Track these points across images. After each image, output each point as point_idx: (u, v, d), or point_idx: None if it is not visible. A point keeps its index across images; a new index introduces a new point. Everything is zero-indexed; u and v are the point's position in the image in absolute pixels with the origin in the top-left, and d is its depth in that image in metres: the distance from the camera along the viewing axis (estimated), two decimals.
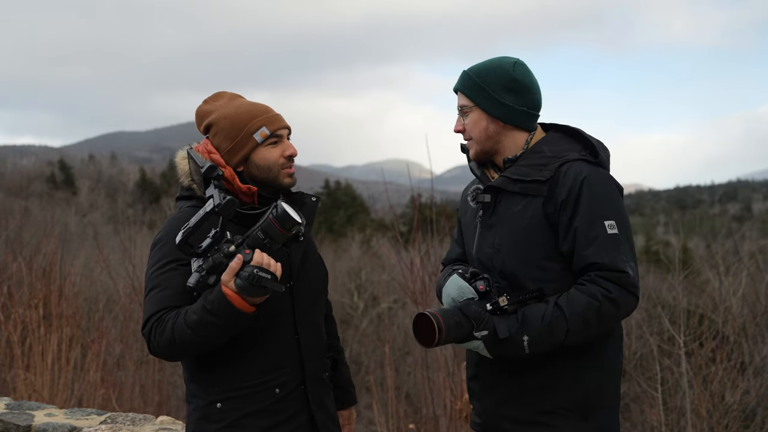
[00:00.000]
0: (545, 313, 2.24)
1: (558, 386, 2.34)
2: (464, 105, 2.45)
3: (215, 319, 2.09)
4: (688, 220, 26.44)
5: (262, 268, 2.07)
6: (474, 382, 2.53)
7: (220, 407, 2.25)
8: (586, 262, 2.26)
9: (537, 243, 2.33)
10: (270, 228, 2.11)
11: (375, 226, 27.40)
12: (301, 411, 2.32)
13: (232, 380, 2.26)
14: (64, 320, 7.40)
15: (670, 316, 8.93)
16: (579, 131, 2.47)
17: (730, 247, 12.48)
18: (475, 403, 2.55)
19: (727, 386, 7.56)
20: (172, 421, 4.03)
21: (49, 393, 7.00)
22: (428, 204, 7.88)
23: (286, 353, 2.31)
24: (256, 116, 2.34)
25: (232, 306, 2.07)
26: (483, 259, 2.44)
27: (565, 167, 2.33)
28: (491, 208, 2.43)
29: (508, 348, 2.25)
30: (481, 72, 2.43)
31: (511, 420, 2.39)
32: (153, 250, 2.28)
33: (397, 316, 14.19)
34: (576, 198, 2.28)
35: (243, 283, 2.05)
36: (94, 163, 56.28)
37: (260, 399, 2.26)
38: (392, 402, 6.67)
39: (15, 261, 8.21)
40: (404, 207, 26.55)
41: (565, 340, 2.24)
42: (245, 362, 2.26)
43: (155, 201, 37.56)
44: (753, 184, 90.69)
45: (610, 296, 2.23)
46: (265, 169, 2.33)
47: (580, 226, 2.27)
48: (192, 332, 2.11)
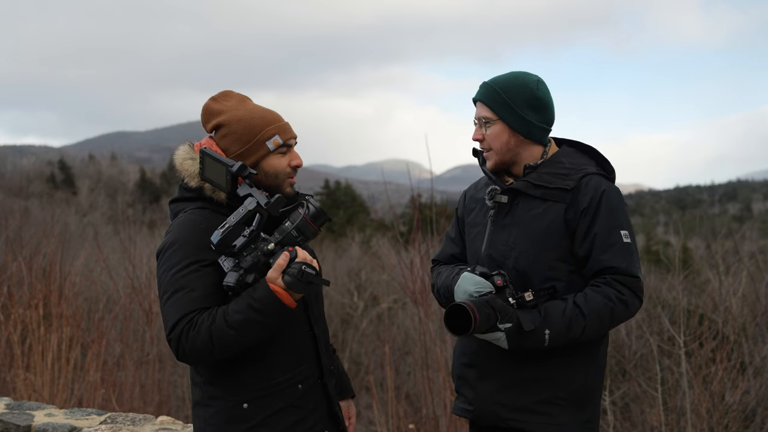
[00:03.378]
0: (565, 310, 2.41)
1: (556, 377, 2.50)
2: (487, 117, 2.58)
3: (262, 318, 2.12)
4: (688, 220, 26.45)
5: (308, 264, 2.13)
6: (469, 369, 2.64)
7: (248, 407, 2.26)
8: (603, 265, 2.46)
9: (553, 245, 2.51)
10: (305, 226, 2.19)
11: (375, 226, 27.40)
12: (321, 403, 2.38)
13: (259, 380, 2.27)
14: (64, 320, 7.40)
15: (670, 316, 8.93)
16: (593, 148, 2.67)
17: (730, 247, 12.49)
18: (467, 390, 2.65)
19: (727, 386, 7.55)
20: (172, 421, 4.03)
21: (49, 393, 7.00)
22: (428, 204, 7.89)
23: (305, 349, 2.36)
24: (270, 123, 2.34)
25: (281, 302, 2.11)
26: (495, 256, 2.58)
27: (587, 179, 2.53)
28: (506, 209, 2.59)
29: (529, 340, 2.40)
30: (506, 87, 2.57)
31: (508, 408, 2.52)
32: (167, 253, 2.23)
33: (397, 316, 14.19)
34: (596, 207, 2.49)
35: (292, 280, 2.10)
36: (94, 163, 56.25)
37: (286, 395, 2.29)
38: (392, 402, 6.68)
39: (15, 261, 8.20)
40: (404, 207, 26.55)
41: (581, 336, 2.43)
42: (269, 361, 2.29)
43: (155, 201, 37.58)
44: (753, 184, 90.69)
45: (623, 299, 2.43)
46: (273, 176, 2.33)
47: (599, 233, 2.47)
48: (235, 332, 2.12)
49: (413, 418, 7.41)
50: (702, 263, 12.38)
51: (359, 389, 12.03)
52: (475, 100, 2.64)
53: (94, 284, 10.73)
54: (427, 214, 7.45)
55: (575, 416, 2.51)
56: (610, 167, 2.64)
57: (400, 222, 10.60)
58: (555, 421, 2.49)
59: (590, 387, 2.55)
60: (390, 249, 15.53)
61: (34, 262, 7.97)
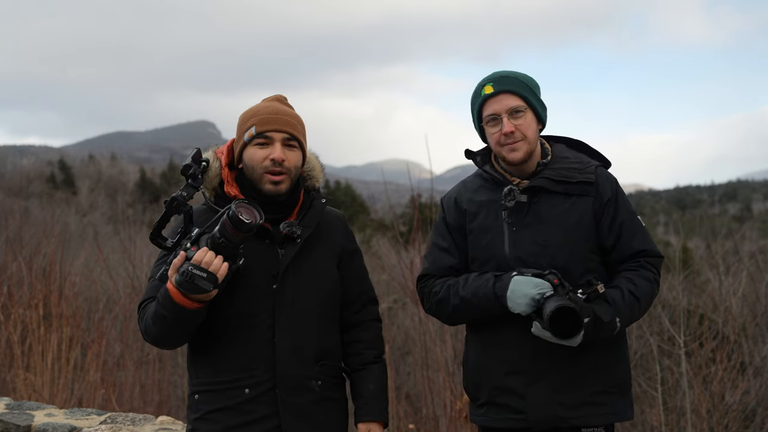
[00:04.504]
0: (624, 296, 2.47)
1: (603, 367, 2.53)
2: (518, 106, 2.54)
3: (165, 312, 2.17)
4: (688, 220, 26.42)
5: (199, 266, 2.09)
6: (513, 377, 2.52)
7: (197, 399, 2.32)
8: (636, 249, 2.54)
9: (585, 238, 2.53)
10: (224, 229, 2.13)
11: (375, 226, 27.37)
12: (273, 415, 2.27)
13: (207, 374, 2.31)
14: (64, 320, 7.39)
15: (670, 316, 8.92)
16: (582, 142, 2.69)
17: (730, 247, 12.47)
18: (511, 399, 2.52)
19: (727, 386, 7.55)
20: (172, 421, 4.03)
21: (49, 393, 7.00)
22: (428, 204, 7.88)
23: (260, 355, 2.28)
24: (253, 115, 2.36)
25: (173, 300, 2.14)
26: (524, 257, 2.52)
27: (599, 171, 2.60)
28: (526, 208, 2.54)
29: (603, 331, 2.42)
30: (525, 78, 2.59)
31: (567, 406, 2.49)
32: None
33: (397, 316, 14.17)
34: (616, 197, 2.57)
35: (179, 279, 2.11)
36: (94, 163, 56.23)
37: (230, 396, 2.27)
38: (392, 402, 6.67)
39: (15, 261, 8.20)
40: (404, 207, 26.51)
41: (638, 318, 2.55)
42: (219, 358, 2.30)
43: (155, 201, 37.53)
44: (753, 184, 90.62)
45: (658, 279, 2.56)
46: (250, 168, 2.34)
47: (625, 220, 2.55)
48: (152, 323, 2.23)
49: (413, 418, 7.41)
50: (702, 263, 12.36)
51: None
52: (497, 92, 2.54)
53: (94, 284, 10.72)
54: (427, 214, 7.44)
55: (625, 401, 2.57)
56: (605, 158, 2.68)
57: (400, 222, 10.59)
58: (613, 410, 2.52)
59: (629, 371, 2.63)
60: (390, 249, 15.51)
61: (34, 262, 7.97)
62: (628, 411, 2.58)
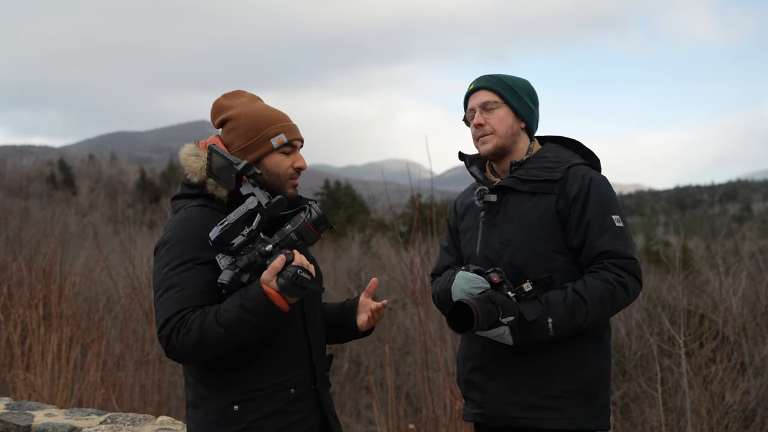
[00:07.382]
0: (566, 297, 2.40)
1: (563, 371, 2.50)
2: (490, 101, 2.60)
3: (252, 318, 2.09)
4: (688, 220, 26.43)
5: (304, 268, 2.10)
6: (476, 373, 2.62)
7: (238, 409, 2.22)
8: (600, 250, 2.48)
9: (547, 236, 2.52)
10: (305, 231, 2.18)
11: (375, 226, 27.38)
12: (314, 411, 2.33)
13: (251, 381, 2.24)
14: (64, 320, 7.39)
15: (670, 316, 8.93)
16: (577, 141, 2.70)
17: (730, 247, 12.47)
18: (476, 395, 2.63)
19: (727, 386, 7.55)
20: (172, 421, 4.03)
21: (49, 393, 7.00)
22: (428, 204, 7.89)
23: (299, 353, 2.32)
24: (277, 121, 2.34)
25: (273, 305, 2.09)
26: (489, 255, 2.58)
27: (573, 169, 2.56)
28: (496, 208, 2.60)
29: (533, 331, 2.40)
30: (506, 77, 2.64)
31: (518, 406, 2.51)
32: (161, 250, 2.22)
33: (397, 316, 14.19)
34: (585, 195, 2.51)
35: (286, 283, 2.07)
36: (94, 163, 56.22)
37: (278, 399, 2.25)
38: (392, 402, 6.67)
39: (15, 261, 8.20)
40: (404, 207, 26.53)
41: (584, 322, 2.43)
42: (263, 363, 2.26)
43: (155, 201, 37.53)
44: (753, 184, 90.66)
45: (622, 281, 2.45)
46: (275, 175, 2.32)
47: (592, 218, 2.49)
48: (225, 331, 2.10)
49: (413, 418, 7.41)
50: (702, 263, 12.36)
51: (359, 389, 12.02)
52: (476, 88, 2.65)
53: (94, 284, 10.73)
54: (427, 214, 7.45)
55: (585, 409, 2.50)
56: (596, 158, 2.67)
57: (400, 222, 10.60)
58: (566, 415, 2.48)
59: (598, 378, 2.54)
60: (390, 249, 15.51)
61: (34, 262, 7.96)
62: (592, 420, 2.51)
